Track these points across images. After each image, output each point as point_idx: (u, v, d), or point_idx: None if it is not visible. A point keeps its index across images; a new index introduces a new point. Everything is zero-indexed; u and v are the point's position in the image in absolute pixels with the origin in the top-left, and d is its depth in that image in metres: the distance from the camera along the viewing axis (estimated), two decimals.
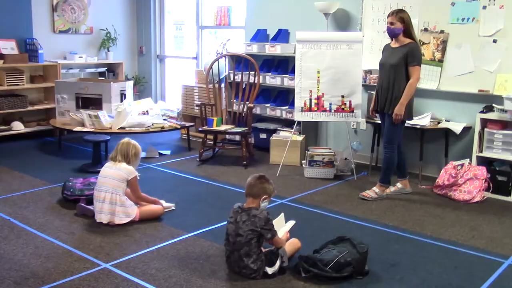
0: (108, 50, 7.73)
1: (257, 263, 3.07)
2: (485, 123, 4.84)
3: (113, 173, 3.96)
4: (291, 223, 3.67)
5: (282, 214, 3.67)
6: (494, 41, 4.96)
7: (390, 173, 4.73)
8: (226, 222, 3.27)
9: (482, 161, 4.88)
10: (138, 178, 4.05)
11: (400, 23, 4.44)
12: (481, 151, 4.86)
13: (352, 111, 5.36)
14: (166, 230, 3.83)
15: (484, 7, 4.97)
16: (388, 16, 4.50)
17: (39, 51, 6.75)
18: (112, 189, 3.91)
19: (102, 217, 3.90)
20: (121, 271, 3.15)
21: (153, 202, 4.15)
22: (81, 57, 7.31)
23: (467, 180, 4.70)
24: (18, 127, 6.65)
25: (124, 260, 3.31)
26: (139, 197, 4.07)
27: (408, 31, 4.49)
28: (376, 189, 4.73)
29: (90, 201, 4.14)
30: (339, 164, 5.52)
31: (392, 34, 4.53)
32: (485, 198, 4.69)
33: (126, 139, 4.16)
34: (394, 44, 4.59)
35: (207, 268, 3.22)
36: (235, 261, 3.12)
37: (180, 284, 3.02)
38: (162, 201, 4.26)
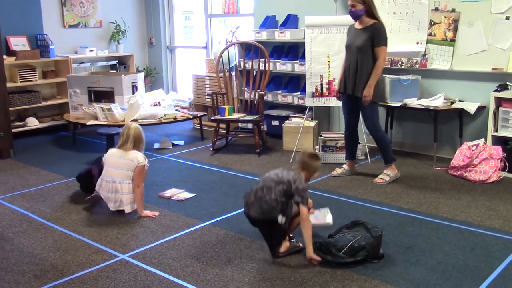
0: (118, 43, 7.75)
1: (277, 198, 3.07)
2: (499, 102, 4.78)
3: (123, 163, 3.94)
4: (328, 221, 3.43)
5: (327, 209, 3.52)
6: (507, 18, 4.87)
7: (389, 151, 4.73)
8: (241, 210, 3.28)
9: (497, 140, 4.82)
10: (147, 167, 4.01)
11: (361, 4, 4.37)
12: (496, 131, 4.80)
13: None
14: (181, 220, 3.86)
15: None
16: None
17: (50, 47, 6.80)
18: (120, 179, 3.93)
19: (110, 205, 3.95)
20: (138, 262, 3.19)
21: (139, 202, 3.96)
22: (92, 50, 7.35)
23: (483, 160, 4.66)
24: (32, 122, 6.73)
25: (141, 251, 3.35)
26: (138, 186, 3.92)
27: (370, 11, 4.41)
28: (387, 171, 4.73)
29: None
30: None
31: (355, 16, 4.46)
32: (501, 177, 4.65)
33: (133, 125, 4.08)
34: (358, 26, 4.53)
35: (223, 256, 3.25)
36: (256, 189, 3.15)
37: (197, 273, 3.04)
38: (147, 212, 4.00)
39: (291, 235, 3.34)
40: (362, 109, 4.58)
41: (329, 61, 5.32)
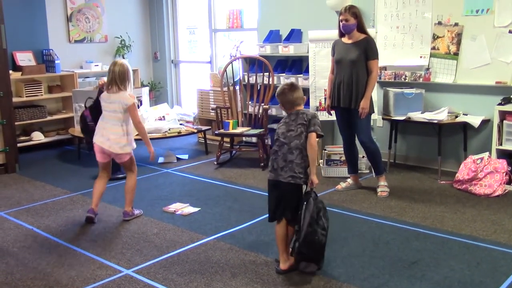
0: (123, 57, 7.80)
1: (304, 159, 3.12)
2: (503, 115, 4.77)
3: (111, 107, 4.03)
4: None
5: None
6: (510, 31, 4.89)
7: (381, 161, 4.79)
8: (244, 225, 3.27)
9: (502, 154, 4.81)
10: (137, 103, 4.08)
11: (354, 19, 4.46)
12: (501, 144, 4.79)
13: None
14: (186, 235, 3.86)
15: None
16: (341, 14, 4.51)
17: (56, 62, 6.85)
18: (111, 122, 4.05)
19: (99, 139, 4.05)
20: (142, 277, 3.19)
21: (146, 139, 4.15)
22: (97, 65, 7.40)
23: (488, 174, 4.64)
24: (38, 137, 6.76)
25: (145, 266, 3.34)
26: (137, 123, 4.05)
27: (361, 25, 4.52)
28: (382, 182, 4.76)
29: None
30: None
31: (349, 30, 4.52)
32: (506, 191, 4.63)
33: (119, 61, 4.10)
34: (347, 40, 4.59)
35: (227, 271, 3.24)
36: (284, 154, 3.14)
37: None
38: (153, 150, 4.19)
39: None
40: (358, 121, 4.61)
41: None
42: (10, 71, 6.14)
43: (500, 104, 4.82)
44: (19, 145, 6.07)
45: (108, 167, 4.24)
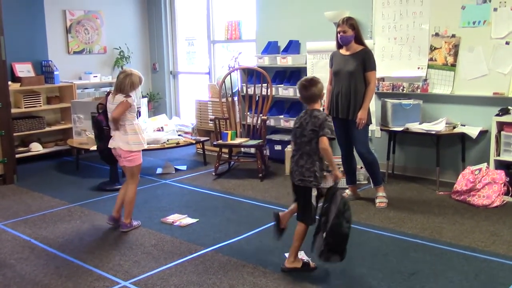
0: (122, 69, 7.82)
1: (313, 163, 3.27)
2: (501, 126, 4.79)
3: (112, 108, 4.13)
4: None
5: None
6: (507, 43, 4.92)
7: (379, 172, 4.80)
8: (242, 236, 3.27)
9: (500, 164, 4.82)
10: (129, 103, 4.08)
11: (351, 30, 4.51)
12: (499, 155, 4.80)
13: None
14: (184, 246, 3.84)
15: (495, 9, 4.94)
16: (338, 25, 4.55)
17: (55, 73, 6.87)
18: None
19: (112, 143, 4.18)
20: None
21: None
22: (96, 76, 7.42)
23: (486, 185, 4.64)
24: (36, 148, 6.76)
25: (143, 278, 3.33)
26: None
27: (358, 37, 4.56)
28: (380, 193, 4.76)
29: None
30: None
31: (346, 42, 4.57)
32: (504, 202, 4.63)
33: (127, 71, 4.20)
34: (345, 52, 4.63)
35: (225, 283, 3.23)
36: (297, 159, 3.32)
37: None
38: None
39: (304, 260, 3.37)
40: (356, 132, 4.63)
41: None
42: (9, 82, 6.14)
43: (497, 115, 4.84)
44: (17, 156, 6.06)
45: None
